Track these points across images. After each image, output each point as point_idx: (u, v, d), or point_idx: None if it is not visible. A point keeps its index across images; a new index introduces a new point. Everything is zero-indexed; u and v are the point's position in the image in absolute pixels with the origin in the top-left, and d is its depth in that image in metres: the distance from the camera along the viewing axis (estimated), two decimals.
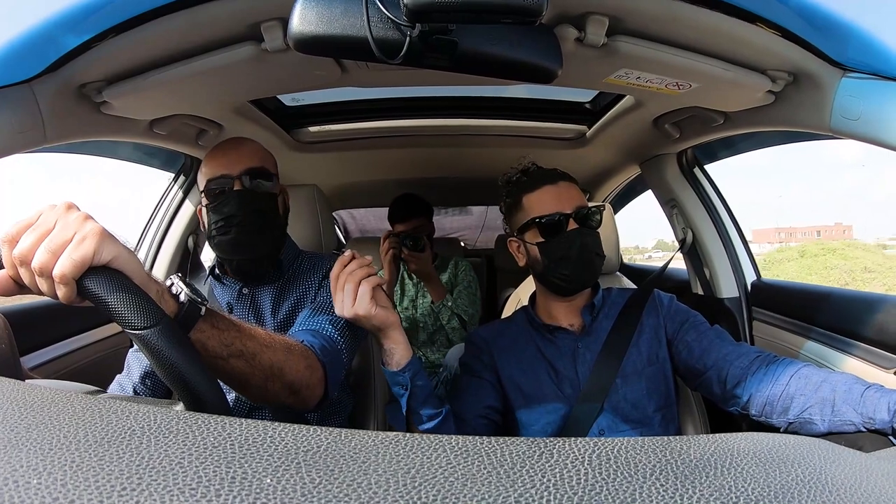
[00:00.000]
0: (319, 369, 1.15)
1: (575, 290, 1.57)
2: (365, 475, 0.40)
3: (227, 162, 1.47)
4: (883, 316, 1.51)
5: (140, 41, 1.19)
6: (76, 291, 0.73)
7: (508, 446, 0.46)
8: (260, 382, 0.98)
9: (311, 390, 1.12)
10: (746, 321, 2.16)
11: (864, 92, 1.18)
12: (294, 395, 1.07)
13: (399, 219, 2.84)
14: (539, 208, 1.54)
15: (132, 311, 0.72)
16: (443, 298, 2.79)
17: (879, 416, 1.11)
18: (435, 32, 0.92)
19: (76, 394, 0.53)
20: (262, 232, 1.45)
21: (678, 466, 0.44)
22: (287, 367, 1.04)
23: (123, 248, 0.77)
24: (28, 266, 0.74)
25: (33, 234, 0.74)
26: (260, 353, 0.98)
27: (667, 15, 1.18)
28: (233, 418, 0.48)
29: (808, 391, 1.25)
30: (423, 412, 1.30)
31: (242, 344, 0.95)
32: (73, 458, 0.40)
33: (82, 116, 1.41)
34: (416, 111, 2.36)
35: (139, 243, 2.38)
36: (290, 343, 1.10)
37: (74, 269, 0.72)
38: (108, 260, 0.75)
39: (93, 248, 0.73)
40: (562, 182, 1.57)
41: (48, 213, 0.76)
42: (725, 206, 2.31)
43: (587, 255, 1.51)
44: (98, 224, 0.75)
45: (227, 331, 0.93)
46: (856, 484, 0.44)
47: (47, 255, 0.72)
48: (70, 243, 0.73)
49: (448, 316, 2.76)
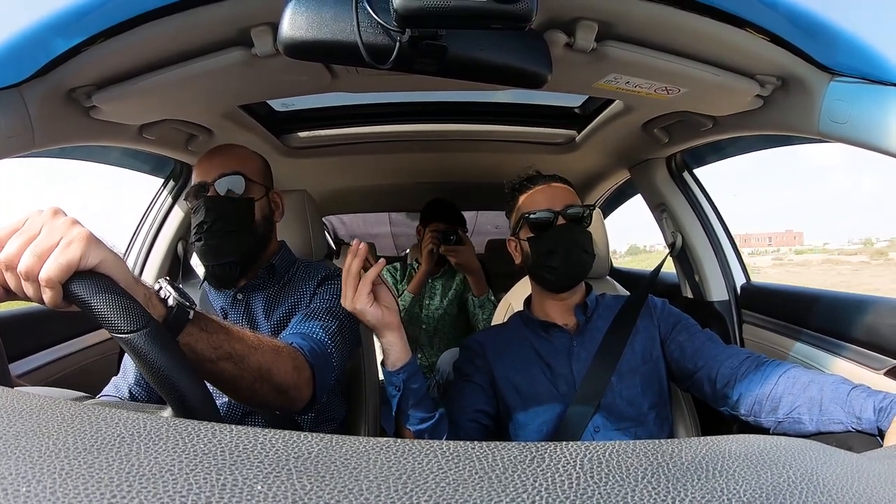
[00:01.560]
0: (307, 370, 1.16)
1: (564, 284, 1.60)
2: (356, 481, 0.40)
3: (207, 168, 1.50)
4: (872, 317, 1.52)
5: (130, 46, 1.18)
6: (62, 296, 0.73)
7: (500, 451, 0.45)
8: (249, 384, 0.99)
9: (299, 391, 1.12)
10: (736, 324, 2.17)
11: (852, 96, 1.19)
12: (282, 395, 1.08)
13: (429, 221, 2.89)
14: (531, 206, 1.60)
15: (118, 315, 0.71)
16: (486, 292, 2.85)
17: (866, 416, 1.12)
18: (425, 38, 0.92)
19: (65, 401, 0.52)
20: (228, 237, 1.46)
21: (670, 469, 0.44)
22: (275, 368, 1.04)
23: (110, 253, 0.77)
24: (14, 270, 0.73)
25: (19, 239, 0.74)
26: (248, 355, 0.98)
27: (656, 20, 1.19)
28: (223, 425, 0.48)
29: (797, 391, 1.26)
30: (416, 414, 1.30)
31: (231, 346, 0.95)
32: (63, 466, 0.40)
33: (71, 121, 1.40)
34: (407, 116, 2.35)
35: (128, 249, 2.37)
36: (278, 345, 1.10)
37: (61, 273, 0.71)
38: (95, 264, 0.74)
39: (79, 252, 0.72)
40: (555, 183, 1.63)
41: (34, 219, 0.76)
42: (714, 209, 2.32)
43: (574, 251, 1.55)
44: (84, 228, 0.75)
45: (216, 334, 0.93)
46: (847, 485, 0.44)
47: (33, 260, 0.72)
48: (56, 248, 0.72)
49: (490, 310, 2.78)
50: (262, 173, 1.57)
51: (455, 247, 2.75)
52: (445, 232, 2.77)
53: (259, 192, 1.54)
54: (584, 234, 1.58)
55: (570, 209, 1.56)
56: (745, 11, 1.14)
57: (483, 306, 2.83)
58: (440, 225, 2.83)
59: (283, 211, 1.64)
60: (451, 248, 2.75)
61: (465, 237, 2.80)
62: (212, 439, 0.45)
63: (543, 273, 1.59)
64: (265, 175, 1.59)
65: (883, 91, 1.13)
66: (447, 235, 2.76)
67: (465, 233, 2.88)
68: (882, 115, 1.12)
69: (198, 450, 0.43)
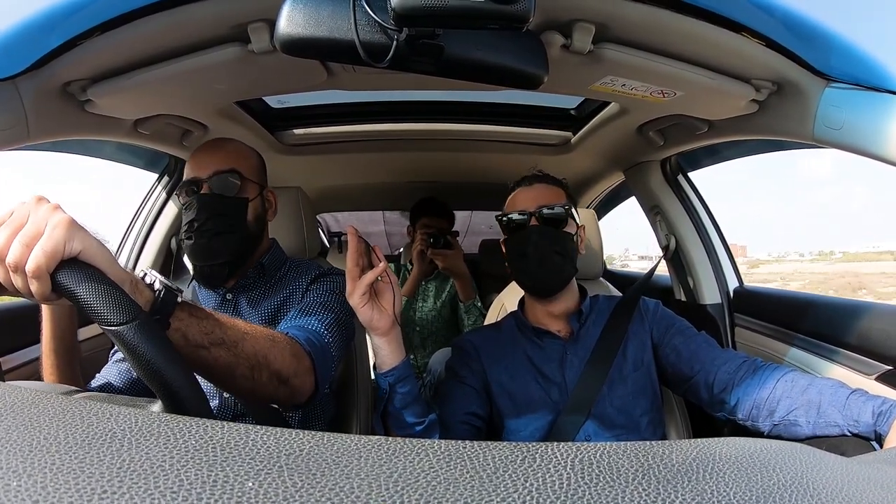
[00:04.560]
0: (306, 358, 1.14)
1: (538, 287, 1.58)
2: (347, 479, 0.40)
3: (201, 163, 1.46)
4: (865, 322, 1.53)
5: (125, 40, 1.18)
6: (51, 287, 0.73)
7: (491, 451, 0.45)
8: (246, 372, 0.97)
9: (301, 379, 1.10)
10: (729, 327, 2.18)
11: (847, 102, 1.19)
12: (283, 384, 1.06)
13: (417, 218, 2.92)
14: (509, 207, 1.60)
15: (107, 307, 0.71)
16: (472, 298, 2.85)
17: (864, 420, 1.13)
18: (422, 37, 0.92)
19: (55, 395, 0.52)
20: (220, 236, 1.42)
21: (660, 471, 0.44)
22: (272, 354, 1.03)
23: (94, 240, 0.77)
24: (3, 262, 0.73)
25: (6, 230, 0.74)
26: (242, 340, 0.97)
27: (653, 23, 1.19)
28: (214, 421, 0.47)
29: (795, 394, 1.26)
30: (405, 418, 1.28)
31: (223, 332, 0.94)
32: (54, 461, 0.39)
33: (66, 115, 1.39)
34: (402, 115, 2.35)
35: (121, 244, 2.36)
36: (272, 333, 1.09)
37: (48, 261, 0.71)
38: (80, 250, 0.74)
39: (63, 236, 0.72)
40: (538, 184, 1.61)
41: (20, 209, 0.76)
42: (708, 213, 2.32)
43: (543, 252, 1.51)
44: (66, 214, 0.75)
45: (206, 319, 0.92)
46: (837, 488, 0.44)
47: (22, 249, 0.72)
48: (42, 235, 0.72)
49: (476, 317, 2.80)
50: (257, 171, 1.54)
51: (443, 250, 2.76)
52: (435, 234, 2.78)
53: (254, 190, 1.51)
54: (559, 236, 1.54)
55: (544, 210, 1.53)
56: (741, 16, 1.14)
57: (469, 312, 2.83)
58: (430, 220, 2.84)
59: (276, 209, 1.61)
60: (439, 252, 2.76)
61: (454, 242, 2.81)
62: (203, 435, 0.45)
63: (518, 276, 1.59)
64: (260, 173, 1.56)
65: (878, 98, 1.13)
66: (437, 239, 2.77)
67: (455, 237, 2.89)
68: (876, 122, 1.13)
69: (188, 446, 0.43)
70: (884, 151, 1.12)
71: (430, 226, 2.85)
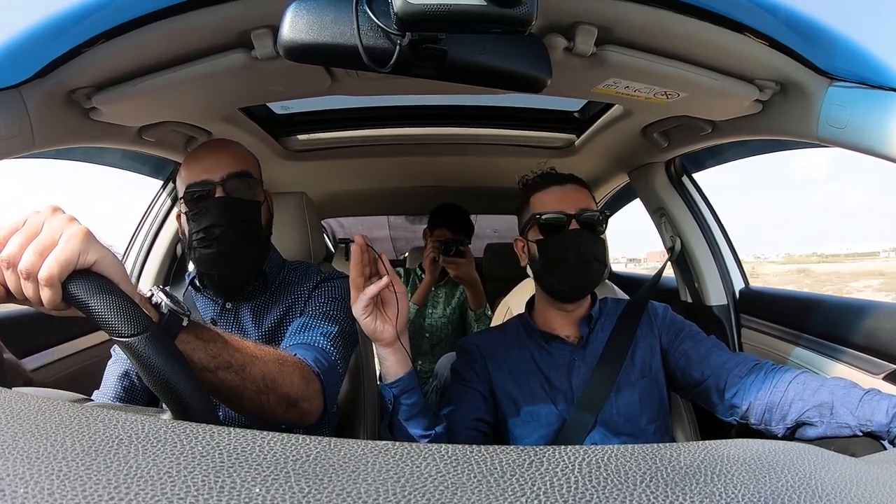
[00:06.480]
0: (315, 381, 1.13)
1: (571, 294, 1.53)
2: (354, 484, 0.40)
3: (210, 165, 1.39)
4: (871, 322, 1.52)
5: (130, 47, 1.18)
6: (61, 296, 0.73)
7: (498, 455, 0.45)
8: (254, 395, 0.96)
9: (310, 402, 1.09)
10: (735, 328, 2.17)
11: (851, 101, 1.19)
12: (292, 407, 1.04)
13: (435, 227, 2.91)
14: (542, 206, 1.53)
15: (119, 318, 0.71)
16: (483, 307, 2.86)
17: (877, 419, 1.12)
18: (425, 41, 0.92)
19: (63, 402, 0.52)
20: (246, 243, 1.38)
21: (668, 474, 0.44)
22: (280, 378, 1.01)
23: (108, 252, 0.77)
24: (15, 269, 0.73)
25: (21, 237, 0.74)
26: (249, 364, 0.95)
27: (655, 25, 1.19)
28: (221, 427, 0.47)
29: (807, 395, 1.25)
30: (411, 430, 1.26)
31: (230, 355, 0.93)
32: (61, 468, 0.40)
33: (71, 122, 1.40)
34: (406, 120, 2.35)
35: (127, 251, 2.37)
36: (281, 355, 1.07)
37: (60, 270, 0.71)
38: (94, 261, 0.74)
39: (77, 247, 0.72)
40: (570, 184, 1.56)
41: (34, 217, 0.76)
42: (713, 214, 2.32)
43: (585, 258, 1.47)
44: (83, 226, 0.75)
45: (213, 342, 0.91)
46: (846, 489, 0.44)
47: (35, 257, 0.72)
48: (57, 245, 0.72)
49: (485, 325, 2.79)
50: (260, 174, 1.50)
51: (455, 259, 2.76)
52: (448, 242, 2.77)
53: (262, 194, 1.47)
54: (597, 242, 1.50)
55: (585, 213, 1.48)
56: (743, 16, 1.14)
57: (479, 320, 2.84)
58: (446, 233, 2.83)
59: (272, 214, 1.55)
60: (451, 260, 2.76)
61: (466, 250, 2.80)
62: (210, 441, 0.45)
63: (550, 279, 1.53)
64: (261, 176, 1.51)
65: (882, 96, 1.13)
66: (449, 246, 2.76)
67: (468, 245, 2.89)
68: (881, 120, 1.13)
69: (196, 452, 0.43)
70: (888, 149, 1.11)
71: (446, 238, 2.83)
